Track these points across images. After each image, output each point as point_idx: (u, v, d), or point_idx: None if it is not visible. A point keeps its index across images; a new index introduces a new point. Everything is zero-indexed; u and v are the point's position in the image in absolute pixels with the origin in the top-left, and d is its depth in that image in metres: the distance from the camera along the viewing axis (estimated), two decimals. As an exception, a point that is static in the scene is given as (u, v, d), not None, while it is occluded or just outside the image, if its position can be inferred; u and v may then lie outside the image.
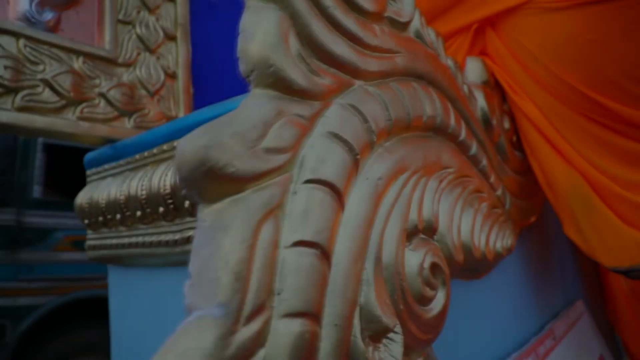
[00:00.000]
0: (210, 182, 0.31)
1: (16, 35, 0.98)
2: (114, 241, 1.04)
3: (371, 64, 0.51)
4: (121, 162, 1.05)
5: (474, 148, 0.73)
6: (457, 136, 0.69)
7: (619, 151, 0.88)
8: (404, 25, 0.61)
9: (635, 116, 0.84)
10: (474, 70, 0.89)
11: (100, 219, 1.05)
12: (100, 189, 1.05)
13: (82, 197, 1.11)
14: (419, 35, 0.65)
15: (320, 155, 0.39)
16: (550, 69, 0.86)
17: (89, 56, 1.09)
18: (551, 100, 0.89)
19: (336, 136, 0.42)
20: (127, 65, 1.17)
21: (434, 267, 0.55)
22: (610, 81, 0.83)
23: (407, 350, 0.52)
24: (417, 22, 0.65)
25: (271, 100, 0.37)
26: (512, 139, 0.96)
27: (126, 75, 1.16)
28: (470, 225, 0.67)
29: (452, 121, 0.66)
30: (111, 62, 1.14)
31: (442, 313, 0.56)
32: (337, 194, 0.40)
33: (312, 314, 0.34)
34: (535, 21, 0.85)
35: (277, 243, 0.34)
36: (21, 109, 0.95)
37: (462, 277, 0.74)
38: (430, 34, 0.69)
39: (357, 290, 0.41)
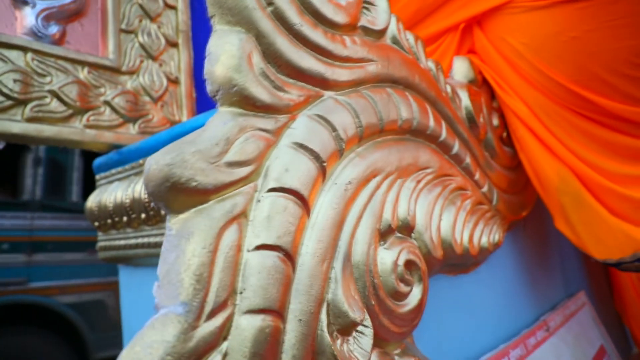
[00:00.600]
0: (174, 195, 0.35)
1: (24, 49, 1.04)
2: (122, 242, 1.11)
3: (341, 74, 0.54)
4: (127, 166, 1.11)
5: (456, 147, 0.76)
6: (438, 137, 0.72)
7: (606, 144, 0.90)
8: (380, 33, 0.64)
9: (621, 109, 0.86)
10: (460, 69, 0.91)
11: (109, 221, 1.12)
12: (108, 193, 1.11)
13: (92, 201, 1.17)
14: (396, 42, 0.68)
15: (285, 165, 0.43)
16: (536, 66, 0.87)
17: (93, 66, 1.15)
18: (538, 97, 0.90)
19: (302, 146, 0.45)
20: (131, 73, 1.23)
21: (409, 264, 0.59)
22: (594, 76, 0.84)
23: (383, 342, 0.56)
24: (393, 29, 0.68)
25: (235, 117, 0.40)
26: (502, 135, 0.97)
27: (130, 83, 1.22)
28: (451, 222, 0.70)
29: (431, 122, 0.69)
30: (115, 70, 1.19)
31: (418, 308, 0.59)
32: (302, 200, 0.44)
33: (274, 311, 0.38)
34: (519, 20, 0.87)
35: (241, 247, 0.38)
36: (30, 120, 1.01)
37: (448, 272, 0.77)
38: (409, 39, 0.72)
39: (323, 288, 0.45)
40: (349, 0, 0.58)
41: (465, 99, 0.83)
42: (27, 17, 1.07)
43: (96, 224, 1.19)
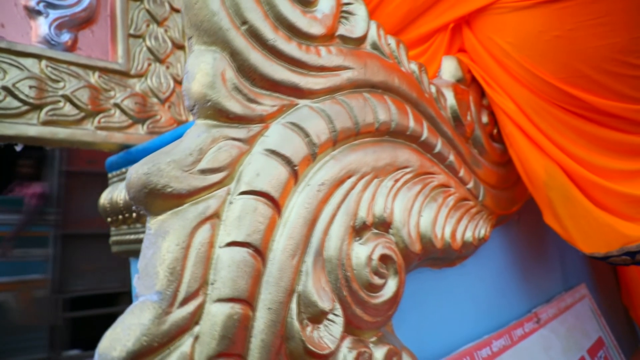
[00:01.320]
0: (152, 200, 0.41)
1: (38, 57, 1.11)
2: (132, 237, 1.18)
3: (317, 83, 0.59)
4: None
5: (439, 146, 0.80)
6: (419, 136, 0.76)
7: (594, 139, 0.92)
8: (358, 41, 0.68)
9: (606, 105, 0.88)
10: (448, 68, 0.94)
11: (120, 217, 1.19)
12: (119, 190, 1.19)
13: (104, 198, 1.25)
14: (376, 47, 0.72)
15: (256, 170, 0.48)
16: (522, 64, 0.90)
17: (103, 70, 1.22)
18: (526, 94, 0.93)
19: (273, 152, 0.51)
20: (139, 76, 1.30)
21: (385, 258, 0.63)
22: (579, 74, 0.86)
23: (357, 330, 0.61)
24: (374, 35, 0.72)
25: (208, 129, 0.46)
26: (492, 132, 1.00)
27: (138, 86, 1.29)
28: (432, 218, 0.75)
29: (411, 123, 0.73)
30: (124, 74, 1.27)
31: (394, 299, 0.64)
32: (272, 201, 0.49)
33: (243, 300, 0.44)
34: (505, 19, 0.90)
35: (213, 244, 0.44)
36: (46, 123, 1.09)
37: (432, 265, 0.81)
38: (390, 44, 0.76)
39: (294, 280, 0.50)
40: (325, 13, 0.62)
41: (450, 99, 0.87)
42: (41, 27, 1.15)
43: (109, 219, 1.27)
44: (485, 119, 0.98)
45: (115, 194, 1.20)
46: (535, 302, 1.09)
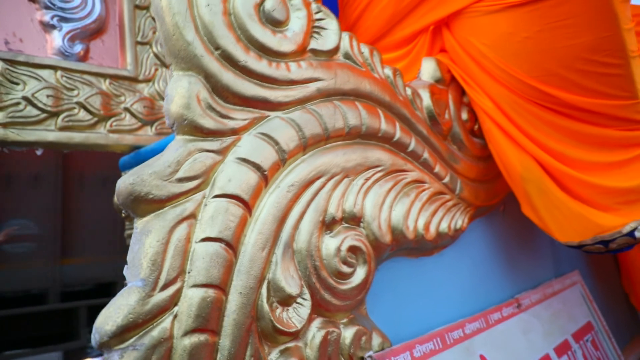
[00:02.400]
0: (137, 205, 0.51)
1: (54, 68, 1.23)
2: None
3: (287, 95, 0.67)
4: (145, 165, 1.29)
5: (412, 145, 0.87)
6: (391, 137, 0.83)
7: (568, 133, 0.98)
8: (330, 53, 0.76)
9: (579, 101, 0.93)
10: (427, 70, 1.01)
11: (132, 213, 1.31)
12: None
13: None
14: (348, 57, 0.80)
15: (228, 176, 0.58)
16: (498, 64, 0.96)
17: (114, 77, 1.33)
18: (503, 91, 0.99)
19: (244, 160, 0.60)
20: (147, 80, 1.41)
21: (354, 249, 0.72)
22: (550, 72, 0.92)
23: (327, 313, 0.70)
24: (346, 46, 0.80)
25: (185, 143, 0.55)
26: (473, 128, 1.07)
27: (146, 90, 1.40)
28: (404, 212, 0.83)
29: (383, 125, 0.81)
30: (133, 80, 1.38)
31: (362, 285, 0.73)
32: (243, 203, 0.58)
33: (216, 285, 0.53)
34: (479, 22, 0.95)
35: (190, 239, 0.53)
36: (62, 129, 1.21)
37: (408, 254, 0.89)
38: (363, 52, 0.83)
39: (264, 269, 0.60)
40: (295, 31, 0.71)
41: (426, 99, 0.94)
42: (55, 39, 1.26)
43: (124, 214, 1.39)
44: (465, 116, 1.04)
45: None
46: (521, 288, 1.16)
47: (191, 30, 0.58)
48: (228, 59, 0.61)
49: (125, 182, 0.50)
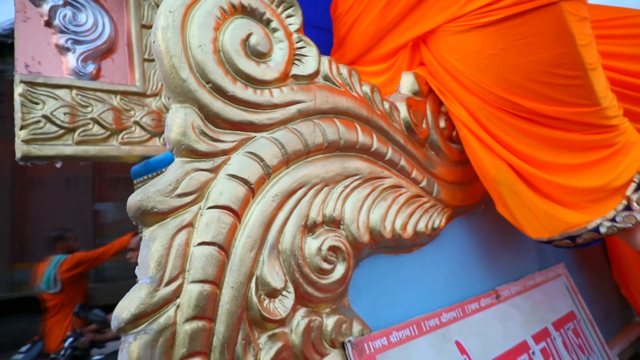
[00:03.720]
0: (144, 217, 0.63)
1: (70, 87, 1.37)
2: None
3: (271, 118, 0.80)
4: (154, 174, 1.43)
5: (389, 154, 0.99)
6: (369, 148, 0.95)
7: (537, 138, 1.08)
8: (310, 77, 0.88)
9: (544, 109, 1.03)
10: (406, 83, 1.12)
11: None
12: (142, 196, 1.44)
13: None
14: (327, 79, 0.92)
15: (220, 190, 0.70)
16: (470, 77, 1.07)
17: (124, 93, 1.47)
18: (476, 101, 1.10)
19: (233, 176, 0.72)
20: (154, 95, 1.54)
21: (333, 248, 0.84)
22: (516, 84, 1.02)
23: (311, 304, 0.82)
24: (326, 69, 0.92)
25: (183, 165, 0.68)
26: (451, 135, 1.18)
27: (154, 104, 1.54)
28: (381, 214, 0.94)
29: (360, 138, 0.93)
30: (141, 95, 1.51)
31: (342, 280, 0.85)
32: (233, 212, 0.71)
33: (211, 281, 0.66)
34: (450, 40, 1.06)
35: (189, 244, 0.66)
36: (79, 143, 1.35)
37: (387, 252, 1.01)
38: (342, 73, 0.95)
39: (253, 267, 0.72)
40: (278, 61, 0.83)
41: (403, 111, 1.05)
42: (70, 61, 1.40)
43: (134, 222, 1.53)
44: (443, 124, 1.15)
45: (139, 198, 1.46)
46: (502, 282, 1.26)
47: (186, 69, 0.71)
48: (218, 91, 0.74)
49: (135, 199, 0.63)
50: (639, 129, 1.33)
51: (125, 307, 0.59)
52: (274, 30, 0.84)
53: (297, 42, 0.88)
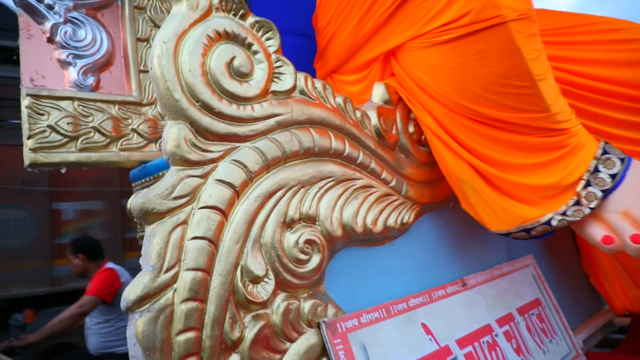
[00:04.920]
0: (146, 216, 0.78)
1: (72, 98, 1.51)
2: (153, 234, 1.58)
3: (252, 130, 0.94)
4: (151, 177, 1.57)
5: (360, 157, 1.13)
6: (341, 153, 1.09)
7: (496, 141, 1.22)
8: (288, 92, 1.03)
9: (502, 116, 1.17)
10: (377, 93, 1.26)
11: (142, 219, 1.59)
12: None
13: (130, 202, 1.65)
14: (303, 93, 1.06)
15: (209, 193, 0.84)
16: (434, 88, 1.21)
17: (122, 103, 1.61)
18: (441, 109, 1.24)
19: (221, 181, 0.86)
20: (150, 104, 1.68)
21: (309, 241, 0.99)
22: (475, 94, 1.16)
23: (290, 289, 0.96)
24: (302, 85, 1.06)
25: (177, 172, 0.82)
26: (420, 138, 1.32)
27: (150, 112, 1.67)
28: (353, 211, 1.09)
29: (334, 144, 1.07)
30: (138, 104, 1.65)
31: (317, 268, 0.99)
32: (220, 212, 0.85)
33: (202, 269, 0.80)
34: (416, 55, 1.21)
35: (184, 238, 0.80)
36: (81, 150, 1.49)
37: (361, 244, 1.15)
38: (317, 87, 1.09)
39: (238, 258, 0.86)
40: (258, 80, 0.97)
41: (374, 119, 1.19)
42: (71, 74, 1.53)
43: (135, 221, 1.67)
44: (412, 129, 1.30)
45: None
46: (470, 272, 1.41)
47: (178, 91, 0.85)
48: (206, 108, 0.88)
49: (137, 201, 0.77)
50: (602, 131, 1.49)
51: (132, 291, 0.74)
52: (255, 52, 0.99)
53: (275, 62, 1.02)
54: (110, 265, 3.43)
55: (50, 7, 1.51)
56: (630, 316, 1.93)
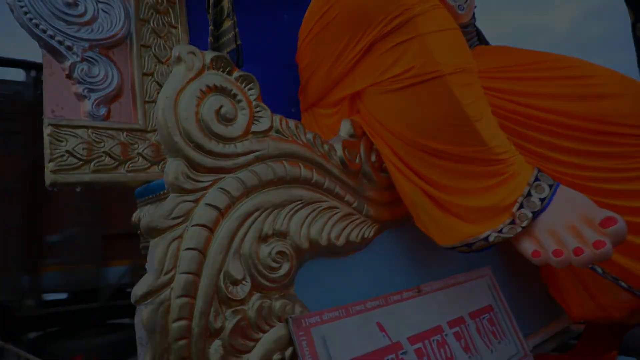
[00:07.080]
0: (151, 232, 1.05)
1: (86, 127, 1.80)
2: (154, 245, 1.86)
3: (235, 164, 1.22)
4: (153, 196, 1.86)
5: (326, 183, 1.41)
6: (310, 180, 1.37)
7: (442, 168, 1.48)
8: (266, 132, 1.31)
9: (446, 148, 1.43)
10: (344, 128, 1.55)
11: (145, 232, 1.88)
12: (142, 212, 1.87)
13: (135, 217, 1.94)
14: (278, 132, 1.34)
15: (199, 214, 1.13)
16: (390, 125, 1.50)
17: (129, 130, 1.90)
18: (397, 142, 1.52)
19: (209, 205, 1.15)
20: (154, 131, 1.97)
21: (280, 252, 1.26)
22: (423, 131, 1.42)
23: (264, 291, 1.24)
24: (277, 125, 1.34)
25: (175, 198, 1.10)
26: (382, 166, 1.60)
27: (153, 138, 1.96)
28: (319, 228, 1.36)
29: (303, 173, 1.35)
30: (143, 131, 1.94)
31: (287, 275, 1.26)
32: (208, 229, 1.13)
33: (194, 273, 1.08)
34: (375, 98, 1.48)
35: (179, 249, 1.08)
36: (94, 172, 1.78)
37: (327, 256, 1.42)
38: (290, 127, 1.38)
39: (222, 265, 1.14)
40: (241, 123, 1.25)
41: (339, 151, 1.47)
42: (86, 106, 1.82)
43: (138, 231, 1.96)
44: (374, 158, 1.58)
45: (142, 214, 1.89)
46: (425, 280, 1.68)
47: (177, 134, 1.13)
48: (199, 147, 1.16)
49: (146, 219, 1.06)
50: (557, 159, 1.77)
51: (140, 288, 1.02)
52: (239, 101, 1.27)
53: (255, 108, 1.30)
54: None
55: (69, 48, 1.80)
56: (584, 323, 2.18)
